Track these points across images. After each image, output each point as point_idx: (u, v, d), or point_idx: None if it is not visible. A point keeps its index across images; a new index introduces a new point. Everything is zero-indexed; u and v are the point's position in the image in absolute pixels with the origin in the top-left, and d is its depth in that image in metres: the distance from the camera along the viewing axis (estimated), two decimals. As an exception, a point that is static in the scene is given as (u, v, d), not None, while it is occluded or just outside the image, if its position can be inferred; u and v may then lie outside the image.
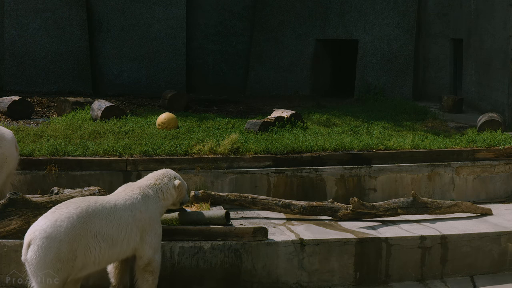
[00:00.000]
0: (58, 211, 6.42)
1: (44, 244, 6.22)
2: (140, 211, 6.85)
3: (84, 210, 6.48)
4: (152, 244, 6.92)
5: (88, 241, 6.45)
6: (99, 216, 6.57)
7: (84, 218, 6.45)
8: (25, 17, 16.19)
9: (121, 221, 6.69)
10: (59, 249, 6.25)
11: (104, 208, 6.64)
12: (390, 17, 16.70)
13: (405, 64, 16.53)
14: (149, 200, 7.00)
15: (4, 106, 12.84)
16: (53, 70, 16.25)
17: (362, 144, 10.09)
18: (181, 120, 12.03)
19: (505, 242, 8.13)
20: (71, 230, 6.33)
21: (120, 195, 6.94)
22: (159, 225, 7.06)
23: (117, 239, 6.65)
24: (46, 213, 6.49)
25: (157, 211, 7.08)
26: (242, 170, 9.48)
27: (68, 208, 6.46)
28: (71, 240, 6.31)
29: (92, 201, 6.65)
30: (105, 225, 6.57)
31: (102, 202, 6.69)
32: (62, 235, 6.27)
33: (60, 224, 6.30)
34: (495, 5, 13.60)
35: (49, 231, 6.25)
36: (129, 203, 6.84)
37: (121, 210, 6.74)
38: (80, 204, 6.53)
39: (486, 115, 11.67)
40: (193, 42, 17.64)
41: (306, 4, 17.36)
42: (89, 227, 6.46)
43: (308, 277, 7.68)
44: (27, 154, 9.31)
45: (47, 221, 6.32)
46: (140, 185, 7.11)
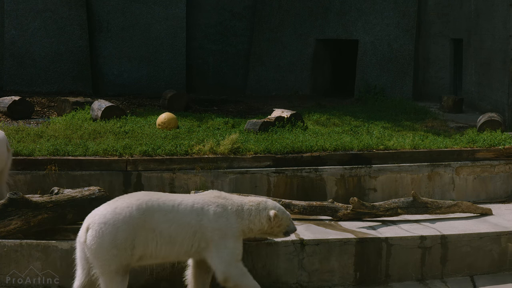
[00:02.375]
0: (120, 200, 6.54)
1: (101, 229, 6.35)
2: (209, 220, 6.62)
3: (144, 203, 6.51)
4: (222, 259, 6.60)
5: (146, 233, 6.47)
6: (159, 211, 6.54)
7: (143, 211, 6.48)
8: (25, 17, 16.19)
9: (182, 222, 6.58)
10: (115, 236, 6.34)
11: (165, 205, 6.59)
12: (390, 17, 16.70)
13: (405, 64, 16.52)
14: (225, 212, 6.73)
15: (4, 106, 12.84)
16: (53, 70, 16.26)
17: (362, 144, 10.09)
18: (181, 120, 12.03)
19: (505, 242, 8.13)
20: (129, 219, 6.40)
21: (193, 196, 6.84)
22: (233, 241, 6.68)
23: (176, 238, 6.55)
24: (108, 201, 6.60)
25: (232, 228, 6.70)
26: (242, 170, 9.48)
27: (130, 198, 6.56)
28: (128, 229, 6.38)
29: (155, 196, 6.66)
30: (163, 221, 6.53)
31: (166, 199, 6.65)
32: (119, 222, 6.37)
33: (119, 212, 6.41)
34: (495, 5, 13.60)
35: (108, 217, 6.38)
36: (198, 207, 6.67)
37: (185, 210, 6.62)
38: (141, 197, 6.58)
39: (486, 115, 11.67)
40: (193, 42, 17.64)
41: (306, 4, 17.36)
42: (147, 220, 6.47)
43: (308, 277, 7.68)
44: (27, 154, 9.31)
45: (107, 208, 6.46)
46: (226, 196, 6.90)
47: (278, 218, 6.88)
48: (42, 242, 7.40)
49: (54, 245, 7.40)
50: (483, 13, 14.36)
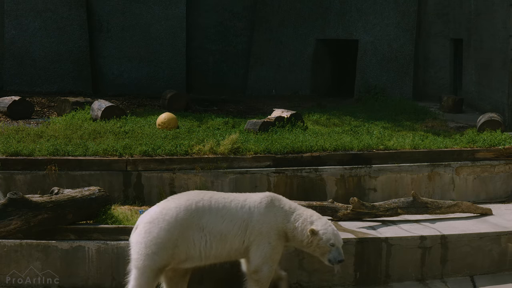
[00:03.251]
0: (171, 201, 6.69)
1: (145, 228, 6.54)
2: (260, 213, 6.74)
3: (194, 204, 6.62)
4: (263, 254, 6.72)
5: (193, 233, 6.55)
6: (209, 210, 6.63)
7: (192, 211, 6.58)
8: (25, 17, 16.19)
9: (234, 217, 6.67)
10: (157, 235, 6.48)
11: (217, 202, 6.69)
12: (390, 17, 16.70)
13: (405, 64, 16.52)
14: (274, 209, 6.82)
15: (4, 106, 12.84)
16: (53, 70, 16.26)
17: (362, 144, 10.09)
18: (181, 120, 12.03)
19: (505, 242, 8.12)
20: (174, 220, 6.53)
21: (244, 193, 6.95)
22: (276, 239, 6.78)
23: (227, 235, 6.64)
24: (161, 201, 6.77)
25: (279, 226, 6.80)
26: (242, 170, 9.48)
27: (180, 199, 6.68)
28: (171, 230, 6.50)
29: (207, 196, 6.75)
30: (214, 220, 6.61)
31: (218, 198, 6.75)
32: (163, 222, 6.51)
33: (166, 212, 6.56)
34: (495, 5, 13.60)
35: (154, 217, 6.55)
36: (250, 202, 6.80)
37: (237, 206, 6.73)
38: (192, 197, 6.69)
39: (486, 115, 11.67)
40: (193, 42, 17.64)
41: (306, 4, 17.36)
42: (195, 220, 6.56)
43: (308, 277, 7.67)
44: (27, 154, 9.31)
45: (156, 208, 6.64)
46: (281, 198, 6.97)
47: (317, 236, 6.81)
48: (42, 242, 7.40)
49: (54, 245, 7.41)
50: (483, 13, 14.36)
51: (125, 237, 7.49)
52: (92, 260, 7.43)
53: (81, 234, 7.51)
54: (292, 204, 7.00)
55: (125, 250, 7.44)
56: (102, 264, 7.45)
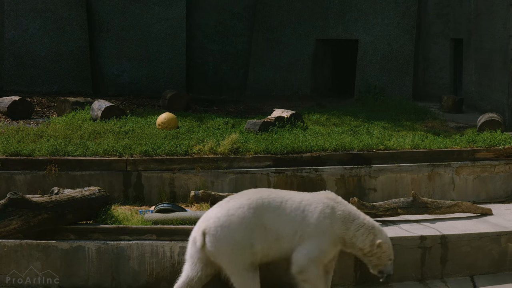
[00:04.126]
0: (232, 201, 6.63)
1: (218, 233, 6.47)
2: (313, 217, 6.64)
3: (254, 202, 6.59)
4: (311, 255, 6.63)
5: (260, 231, 6.55)
6: (268, 209, 6.60)
7: (254, 209, 6.56)
8: (25, 17, 16.19)
9: (288, 218, 6.62)
10: (233, 237, 6.46)
11: (274, 201, 6.64)
12: (390, 17, 16.70)
13: (405, 64, 16.53)
14: (331, 215, 6.70)
15: (4, 106, 12.84)
16: (53, 70, 16.26)
17: (362, 144, 10.09)
18: (181, 120, 12.03)
19: (505, 242, 8.12)
20: (242, 220, 6.50)
21: (304, 194, 6.85)
22: (327, 244, 6.68)
23: (281, 234, 6.60)
24: (220, 202, 6.72)
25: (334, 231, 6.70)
26: (242, 170, 9.48)
27: (241, 198, 6.64)
28: (242, 229, 6.48)
29: (265, 193, 6.71)
30: (272, 218, 6.59)
31: (275, 196, 6.69)
32: (234, 224, 6.48)
33: (232, 213, 6.52)
34: (495, 5, 13.60)
35: (222, 220, 6.49)
36: (305, 204, 6.69)
37: (291, 207, 6.66)
38: (252, 196, 6.66)
39: (486, 115, 11.67)
40: (193, 42, 17.64)
41: (306, 4, 17.36)
42: (259, 218, 6.55)
43: (308, 277, 7.67)
44: (27, 154, 9.31)
45: (221, 210, 6.57)
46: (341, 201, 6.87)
47: (381, 249, 6.78)
48: (42, 242, 7.40)
49: (54, 245, 7.41)
50: (483, 13, 14.36)
51: (125, 237, 7.50)
52: (92, 260, 7.43)
53: (81, 234, 7.51)
54: (351, 209, 6.83)
55: (125, 250, 7.45)
56: (102, 264, 7.45)
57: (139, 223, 7.80)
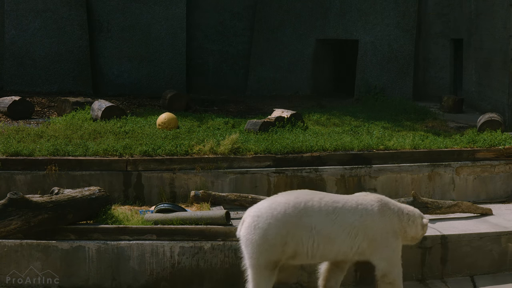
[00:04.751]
0: (279, 197, 6.62)
1: (254, 223, 6.45)
2: (373, 220, 6.69)
3: (303, 202, 6.56)
4: (384, 257, 6.74)
5: (301, 232, 6.51)
6: (319, 212, 6.57)
7: (300, 210, 6.52)
8: (25, 17, 16.19)
9: (345, 222, 6.62)
10: (266, 230, 6.42)
11: (327, 205, 6.63)
12: (390, 17, 16.70)
13: (405, 64, 16.52)
14: (387, 212, 6.80)
15: (4, 106, 12.84)
16: (53, 70, 16.26)
17: (362, 144, 10.08)
18: (181, 120, 12.03)
19: (505, 242, 8.12)
20: (282, 216, 6.46)
21: (355, 197, 6.87)
22: (394, 240, 6.82)
23: (335, 238, 6.60)
24: (269, 197, 6.70)
25: (393, 228, 6.82)
26: (242, 170, 9.48)
27: (289, 196, 6.62)
28: (280, 225, 6.44)
29: (317, 196, 6.69)
30: (323, 222, 6.56)
31: (328, 200, 6.68)
32: (271, 218, 6.44)
33: (274, 207, 6.49)
34: (495, 5, 13.60)
35: (262, 211, 6.48)
36: (362, 208, 6.72)
37: (348, 211, 6.66)
38: (301, 196, 6.63)
39: (486, 115, 11.67)
40: (193, 42, 17.64)
41: (306, 4, 17.36)
42: (304, 219, 6.51)
43: (308, 277, 7.67)
44: (27, 154, 9.32)
45: (264, 202, 6.57)
46: (387, 199, 6.98)
47: (426, 227, 7.07)
48: (42, 242, 7.40)
49: (54, 245, 7.41)
50: (483, 13, 14.36)
51: (125, 237, 7.50)
52: (92, 260, 7.43)
53: (81, 234, 7.51)
54: (395, 203, 7.00)
55: (125, 250, 7.45)
56: (102, 264, 7.45)
57: (139, 223, 7.80)
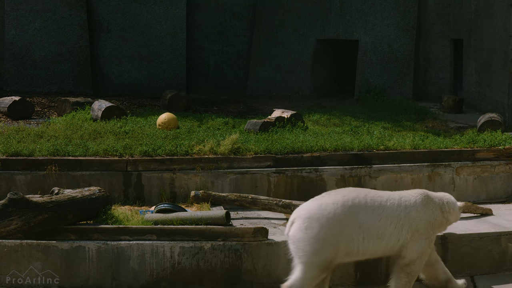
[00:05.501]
0: (327, 197, 6.67)
1: (305, 224, 6.53)
2: (417, 211, 6.88)
3: (350, 200, 6.64)
4: (420, 247, 6.91)
5: (352, 230, 6.59)
6: (366, 208, 6.67)
7: (348, 208, 6.60)
8: (25, 17, 16.19)
9: (391, 216, 6.75)
10: (318, 231, 6.49)
11: (373, 201, 6.74)
12: (390, 17, 16.70)
13: (405, 64, 16.52)
14: (430, 204, 6.99)
15: (4, 106, 12.84)
16: (53, 70, 16.26)
17: (362, 144, 10.09)
18: (181, 120, 12.03)
19: (506, 242, 8.12)
20: (333, 216, 6.53)
21: (397, 192, 7.03)
22: (433, 232, 7.01)
23: (384, 233, 6.72)
24: (316, 197, 6.76)
25: (436, 220, 7.03)
26: (243, 170, 9.49)
27: (336, 195, 6.68)
28: (331, 225, 6.51)
29: (362, 193, 6.78)
30: (371, 218, 6.66)
31: (373, 196, 6.79)
32: (323, 218, 6.52)
33: (324, 208, 6.56)
34: (495, 5, 13.60)
35: (312, 212, 6.55)
36: (405, 200, 6.89)
37: (393, 205, 6.80)
38: (348, 194, 6.70)
39: (486, 115, 11.67)
40: (193, 42, 17.64)
41: (306, 4, 17.36)
42: (353, 217, 6.59)
43: (308, 277, 7.67)
44: (27, 154, 9.32)
45: (313, 203, 6.63)
46: (425, 191, 7.15)
47: (461, 210, 7.37)
48: (42, 242, 7.40)
49: (54, 245, 7.41)
50: (483, 13, 14.36)
51: (125, 237, 7.50)
52: (92, 260, 7.43)
53: (81, 234, 7.51)
54: (437, 194, 7.18)
55: (125, 250, 7.45)
56: (102, 264, 7.45)
57: (139, 223, 7.80)
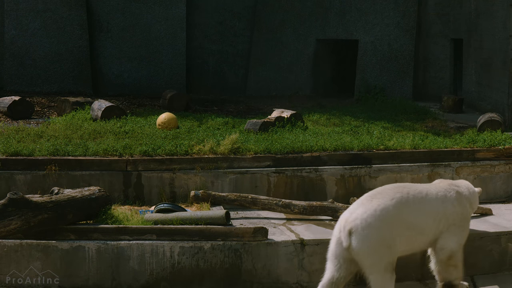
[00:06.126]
0: (375, 201, 6.73)
1: (365, 233, 6.58)
2: (453, 205, 7.07)
3: (398, 201, 6.78)
4: (458, 239, 7.10)
5: (402, 228, 6.76)
6: (411, 206, 6.84)
7: (398, 207, 6.75)
8: (25, 17, 16.19)
9: (431, 211, 6.94)
10: (380, 236, 6.62)
11: (415, 198, 6.89)
12: (390, 17, 16.70)
13: (405, 64, 16.52)
14: (462, 199, 7.18)
15: (4, 106, 12.84)
16: (53, 70, 16.26)
17: (362, 144, 10.09)
18: (181, 120, 12.03)
19: (505, 242, 8.13)
20: (389, 219, 6.67)
21: (432, 186, 7.17)
22: (467, 224, 7.24)
23: (424, 228, 6.90)
24: (362, 201, 6.79)
25: (468, 212, 7.25)
26: (242, 170, 9.49)
27: (384, 198, 6.77)
28: (389, 228, 6.66)
29: (404, 191, 6.89)
30: (416, 215, 6.85)
31: (414, 192, 6.93)
32: (381, 224, 6.62)
33: (379, 214, 6.65)
34: (495, 5, 13.60)
35: (369, 220, 6.61)
36: (441, 195, 7.06)
37: (431, 200, 6.97)
38: (394, 195, 6.81)
39: (486, 115, 11.67)
40: (193, 42, 17.64)
41: (306, 4, 17.35)
42: (403, 216, 6.76)
43: (308, 277, 7.68)
44: (27, 154, 9.32)
45: (366, 211, 6.65)
46: (454, 182, 7.34)
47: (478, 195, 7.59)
48: (42, 242, 7.40)
49: (54, 245, 7.41)
50: (483, 13, 14.36)
51: (125, 237, 7.50)
52: (92, 260, 7.43)
53: (81, 234, 7.51)
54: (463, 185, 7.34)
55: (125, 250, 7.45)
56: (102, 264, 7.45)
57: (139, 223, 7.80)
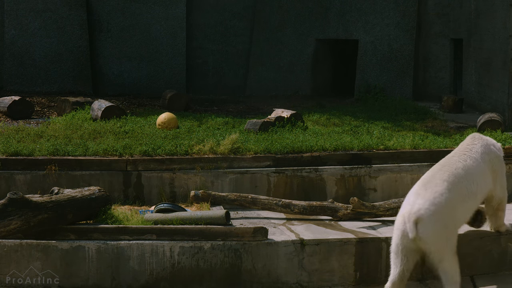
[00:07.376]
0: (430, 189, 6.94)
1: (432, 219, 6.79)
2: (488, 153, 7.44)
3: (451, 182, 7.04)
4: (502, 184, 7.58)
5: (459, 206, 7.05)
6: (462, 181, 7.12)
7: (452, 190, 6.98)
8: (25, 17, 16.19)
9: (477, 175, 7.26)
10: (444, 221, 6.86)
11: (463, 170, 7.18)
12: (390, 17, 16.70)
13: (405, 64, 16.52)
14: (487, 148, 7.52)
15: (4, 106, 12.84)
16: (53, 70, 16.26)
17: (362, 144, 10.09)
18: (181, 120, 12.03)
19: (505, 242, 8.12)
20: (448, 202, 6.91)
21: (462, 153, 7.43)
22: (504, 166, 7.65)
23: (476, 191, 7.22)
24: (417, 191, 7.00)
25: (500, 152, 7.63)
26: (242, 170, 9.49)
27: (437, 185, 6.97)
28: (450, 212, 6.93)
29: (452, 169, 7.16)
30: (466, 186, 7.13)
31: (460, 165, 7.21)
32: (443, 209, 6.86)
33: (439, 201, 6.87)
34: (495, 5, 13.60)
35: (433, 208, 6.83)
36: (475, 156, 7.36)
37: (472, 166, 7.28)
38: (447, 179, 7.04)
39: (486, 115, 11.67)
40: (193, 42, 17.64)
41: (306, 4, 17.36)
42: (458, 195, 7.02)
43: (308, 277, 7.68)
44: (27, 154, 9.32)
45: (426, 200, 6.86)
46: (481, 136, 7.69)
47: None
48: (42, 242, 7.40)
49: (54, 245, 7.41)
50: (483, 13, 14.36)
51: (125, 237, 7.50)
52: (92, 260, 7.43)
53: (81, 234, 7.51)
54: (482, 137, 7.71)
55: (125, 250, 7.45)
56: (102, 264, 7.45)
57: (139, 223, 7.80)
